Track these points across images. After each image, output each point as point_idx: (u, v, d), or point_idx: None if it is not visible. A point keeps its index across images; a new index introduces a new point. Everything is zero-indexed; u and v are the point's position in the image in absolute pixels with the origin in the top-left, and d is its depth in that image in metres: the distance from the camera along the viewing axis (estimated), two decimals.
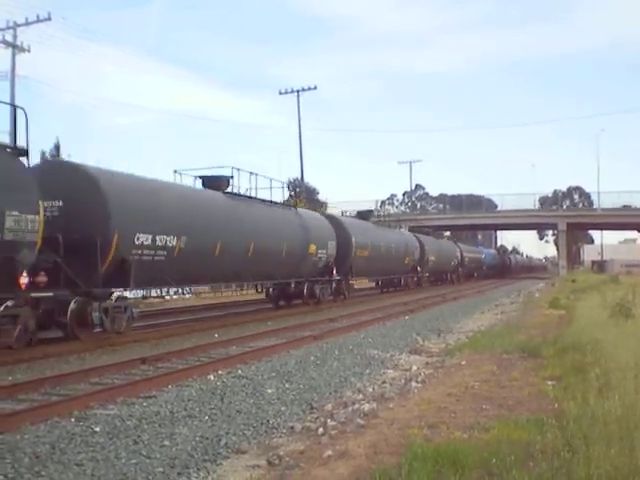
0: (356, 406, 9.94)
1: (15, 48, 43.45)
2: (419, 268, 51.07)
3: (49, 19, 43.06)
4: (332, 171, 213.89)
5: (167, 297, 40.96)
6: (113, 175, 19.51)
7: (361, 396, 11.04)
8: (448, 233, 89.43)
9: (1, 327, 14.83)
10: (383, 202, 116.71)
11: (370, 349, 16.91)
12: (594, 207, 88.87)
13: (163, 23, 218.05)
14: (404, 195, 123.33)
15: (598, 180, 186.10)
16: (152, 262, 19.48)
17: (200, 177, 25.65)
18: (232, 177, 25.98)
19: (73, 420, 9.46)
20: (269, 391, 11.63)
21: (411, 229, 60.54)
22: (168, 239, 19.93)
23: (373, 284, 50.77)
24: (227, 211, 24.17)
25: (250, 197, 27.08)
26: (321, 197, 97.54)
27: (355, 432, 8.25)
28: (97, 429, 8.94)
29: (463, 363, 13.49)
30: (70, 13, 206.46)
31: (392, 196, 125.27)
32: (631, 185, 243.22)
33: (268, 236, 26.40)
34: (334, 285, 34.19)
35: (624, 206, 79.15)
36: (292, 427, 9.10)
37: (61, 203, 17.33)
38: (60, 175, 18.06)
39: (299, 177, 73.88)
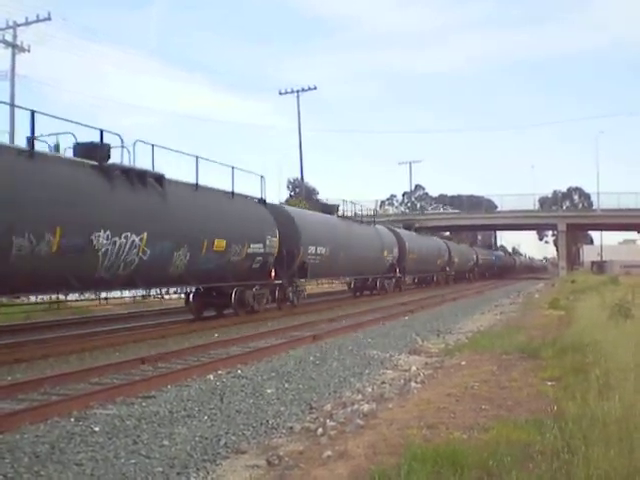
0: (355, 406, 9.94)
1: (15, 48, 43.47)
2: (448, 268, 62.48)
3: (49, 19, 43.08)
4: (332, 171, 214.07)
5: (166, 297, 41.04)
6: (300, 213, 33.42)
7: (360, 396, 11.04)
8: (447, 233, 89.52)
9: (258, 298, 26.45)
10: (383, 202, 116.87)
11: (369, 349, 16.90)
12: (594, 208, 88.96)
13: (164, 24, 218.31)
14: (404, 195, 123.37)
15: (598, 181, 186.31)
16: (315, 263, 31.37)
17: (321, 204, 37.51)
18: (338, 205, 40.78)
19: (73, 420, 9.46)
20: (269, 391, 11.63)
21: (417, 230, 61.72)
22: (321, 249, 32.17)
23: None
24: (344, 230, 37.07)
25: (351, 218, 40.96)
26: (321, 197, 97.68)
27: (354, 432, 8.25)
28: (96, 429, 8.94)
29: (463, 363, 13.50)
30: (70, 13, 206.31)
31: (392, 196, 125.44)
32: (631, 186, 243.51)
33: (363, 245, 39.15)
34: (394, 280, 45.86)
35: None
36: (291, 427, 9.10)
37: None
38: (276, 214, 28.62)
39: (299, 177, 73.93)
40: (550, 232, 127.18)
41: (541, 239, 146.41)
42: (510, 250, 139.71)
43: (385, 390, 11.30)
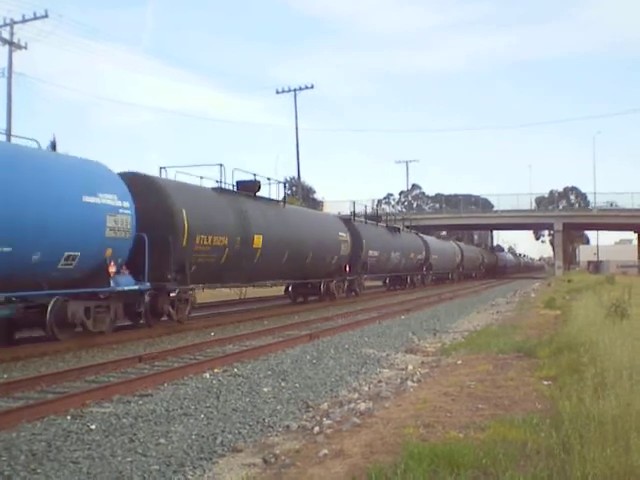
0: (352, 405, 9.95)
1: (12, 45, 43.43)
2: (461, 268, 71.71)
3: (46, 16, 43.10)
4: (329, 170, 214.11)
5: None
6: (363, 226, 40.27)
7: (357, 395, 11.06)
8: (444, 233, 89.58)
9: (337, 288, 34.68)
10: (380, 201, 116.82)
11: (366, 348, 16.92)
12: (590, 207, 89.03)
13: (161, 22, 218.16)
14: (400, 194, 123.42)
15: (594, 181, 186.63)
16: (372, 263, 39.66)
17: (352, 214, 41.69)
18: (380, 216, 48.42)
19: (69, 418, 9.47)
20: (265, 390, 11.64)
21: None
22: (374, 252, 40.35)
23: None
24: (389, 237, 45.10)
25: (395, 227, 48.28)
26: (317, 196, 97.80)
27: (351, 431, 8.26)
28: (93, 427, 8.95)
29: (459, 363, 13.52)
30: (67, 11, 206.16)
31: (388, 195, 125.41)
32: (627, 186, 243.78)
33: (402, 249, 47.22)
34: (420, 277, 55.17)
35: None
36: (288, 426, 9.11)
37: None
38: (349, 226, 37.60)
39: (296, 176, 73.93)
40: (546, 232, 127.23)
41: (537, 239, 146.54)
42: (506, 249, 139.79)
43: (381, 389, 11.31)
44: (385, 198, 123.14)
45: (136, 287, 18.65)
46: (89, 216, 16.80)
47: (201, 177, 24.18)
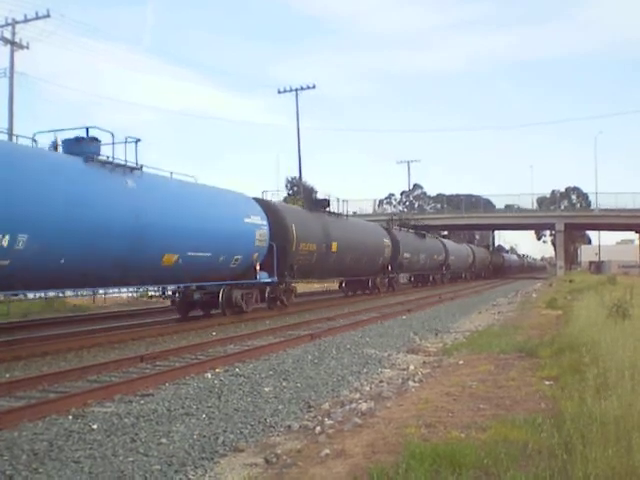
0: (353, 405, 9.96)
1: (14, 45, 43.43)
2: (473, 269, 78.50)
3: (48, 16, 43.04)
4: (331, 170, 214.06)
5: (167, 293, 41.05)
6: (400, 233, 48.78)
7: (358, 395, 11.06)
8: (446, 233, 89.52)
9: (380, 283, 43.25)
10: (381, 201, 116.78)
11: (367, 348, 16.92)
12: (592, 208, 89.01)
13: (161, 21, 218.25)
14: (402, 195, 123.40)
15: (596, 181, 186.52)
16: (405, 263, 46.90)
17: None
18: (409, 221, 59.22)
19: (71, 417, 9.48)
20: (266, 390, 11.64)
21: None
22: (407, 255, 48.08)
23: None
24: (419, 242, 53.67)
25: (423, 234, 56.09)
26: (319, 197, 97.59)
27: (352, 431, 8.26)
28: (95, 426, 8.96)
29: (460, 363, 13.52)
30: (69, 10, 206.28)
31: (390, 195, 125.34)
32: (629, 186, 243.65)
33: (428, 251, 55.27)
34: (440, 276, 62.49)
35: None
36: (289, 426, 9.11)
37: None
38: (390, 234, 45.61)
39: (297, 176, 73.91)
40: (548, 232, 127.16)
41: (539, 239, 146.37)
42: (508, 249, 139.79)
43: (383, 389, 11.31)
44: (387, 198, 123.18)
45: (270, 280, 26.59)
46: (247, 231, 24.76)
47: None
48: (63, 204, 16.10)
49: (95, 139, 18.38)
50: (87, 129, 17.94)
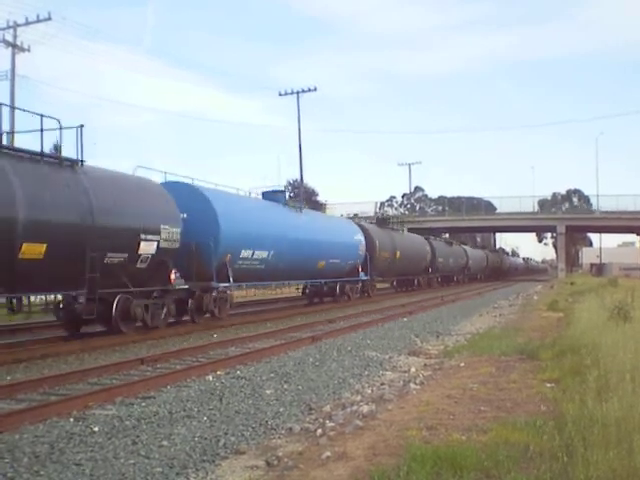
0: (354, 407, 9.95)
1: (15, 48, 43.49)
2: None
3: (49, 19, 43.10)
4: (332, 172, 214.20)
5: None
6: (435, 242, 60.95)
7: (359, 397, 11.05)
8: (447, 235, 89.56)
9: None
10: (382, 204, 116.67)
11: (368, 350, 16.92)
12: (593, 210, 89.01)
13: (162, 23, 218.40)
14: (403, 197, 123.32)
15: (597, 183, 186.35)
16: (440, 266, 57.16)
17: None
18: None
19: (72, 420, 9.48)
20: (268, 392, 11.64)
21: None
22: (441, 259, 59.62)
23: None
24: (448, 248, 64.87)
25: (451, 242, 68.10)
26: (320, 198, 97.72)
27: (354, 433, 8.26)
28: (96, 429, 8.96)
29: (462, 365, 13.52)
30: (70, 13, 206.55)
31: (391, 198, 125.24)
32: (630, 188, 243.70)
33: (452, 256, 65.54)
34: (462, 277, 73.04)
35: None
36: (291, 428, 9.10)
37: None
38: (432, 242, 60.08)
39: (298, 178, 73.92)
40: (549, 234, 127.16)
41: (540, 241, 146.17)
42: (510, 252, 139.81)
43: (384, 391, 11.30)
44: (388, 200, 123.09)
45: (366, 278, 39.56)
46: (355, 244, 38.04)
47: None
48: (281, 229, 28.92)
49: (282, 191, 34.15)
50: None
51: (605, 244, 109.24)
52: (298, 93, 65.56)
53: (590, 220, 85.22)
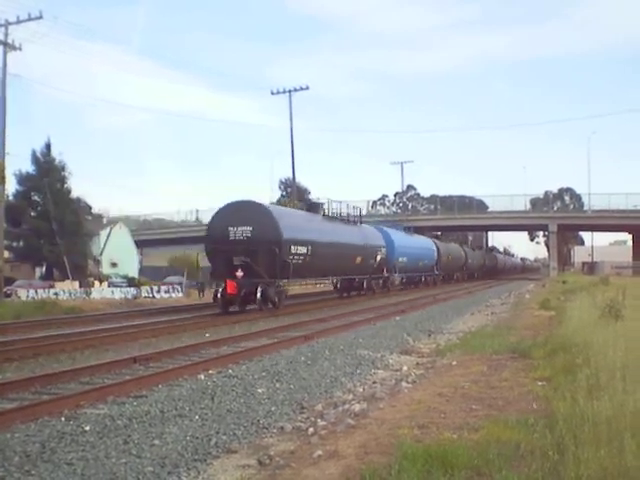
0: (346, 406, 9.97)
1: (7, 46, 43.32)
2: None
3: (41, 17, 42.88)
4: (324, 171, 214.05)
5: (157, 296, 41.19)
6: (441, 243, 67.89)
7: (351, 396, 11.07)
8: (439, 234, 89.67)
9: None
10: (375, 202, 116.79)
11: (361, 349, 16.92)
12: (585, 209, 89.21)
13: (155, 23, 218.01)
14: (395, 196, 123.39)
15: (589, 182, 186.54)
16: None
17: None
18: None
19: (63, 419, 9.47)
20: (260, 391, 11.64)
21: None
22: (445, 259, 64.01)
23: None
24: (460, 251, 75.48)
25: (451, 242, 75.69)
26: (312, 197, 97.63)
27: (345, 432, 8.27)
28: (87, 428, 8.94)
29: (453, 364, 13.53)
30: (62, 11, 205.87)
31: (384, 197, 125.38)
32: (622, 187, 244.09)
33: (457, 256, 71.38)
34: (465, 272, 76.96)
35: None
36: (282, 427, 9.11)
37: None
38: (438, 243, 66.86)
39: (291, 177, 73.87)
40: (541, 233, 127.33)
41: (532, 240, 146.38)
42: (502, 251, 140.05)
43: (376, 390, 11.32)
44: (380, 199, 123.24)
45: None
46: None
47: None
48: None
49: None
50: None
51: (597, 243, 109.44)
52: (290, 92, 65.49)
53: (582, 219, 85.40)
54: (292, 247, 29.77)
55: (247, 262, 27.94)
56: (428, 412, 8.97)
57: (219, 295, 27.52)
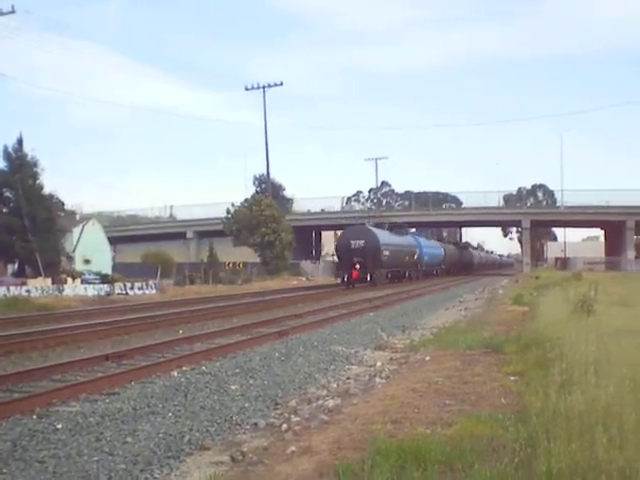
0: (320, 402, 9.97)
1: None
2: (443, 265, 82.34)
3: (13, 12, 42.62)
4: (299, 167, 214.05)
5: (130, 293, 41.02)
6: (445, 244, 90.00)
7: (325, 392, 11.07)
8: (413, 230, 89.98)
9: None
10: (349, 199, 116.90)
11: (335, 345, 16.94)
12: (557, 205, 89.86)
13: (129, 18, 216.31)
14: (370, 192, 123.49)
15: (562, 178, 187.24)
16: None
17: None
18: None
19: (35, 417, 9.40)
20: (233, 387, 11.62)
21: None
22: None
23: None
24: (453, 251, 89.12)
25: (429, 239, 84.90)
26: (287, 193, 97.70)
27: (319, 428, 8.27)
28: (59, 426, 8.88)
29: (427, 359, 13.57)
30: (34, 6, 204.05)
31: (358, 193, 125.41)
32: (594, 183, 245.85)
33: (434, 253, 77.02)
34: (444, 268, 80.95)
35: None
36: (256, 423, 9.10)
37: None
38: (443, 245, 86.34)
39: (265, 173, 73.85)
40: (514, 229, 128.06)
41: (505, 235, 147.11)
42: (476, 246, 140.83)
43: (350, 386, 11.33)
44: (354, 195, 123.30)
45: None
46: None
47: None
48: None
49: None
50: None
51: (570, 238, 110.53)
52: (264, 88, 65.56)
53: (555, 215, 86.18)
54: (384, 251, 51.95)
55: (361, 261, 49.30)
56: (401, 407, 8.98)
57: (345, 279, 49.19)
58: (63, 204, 60.89)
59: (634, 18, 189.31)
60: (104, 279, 45.80)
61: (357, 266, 48.81)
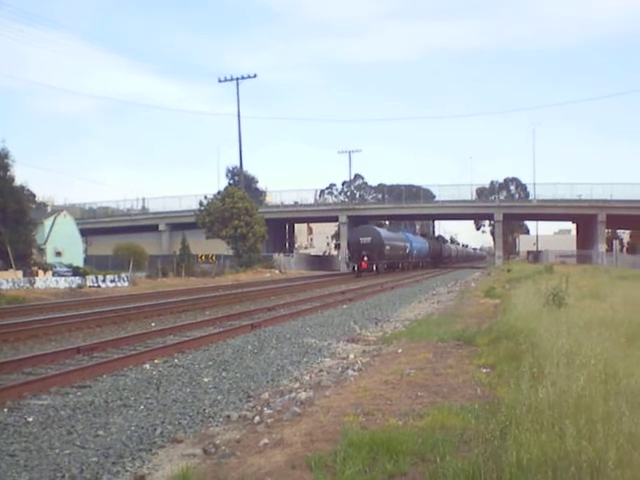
0: (293, 394, 9.97)
1: None
2: (428, 258, 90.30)
3: None
4: (272, 160, 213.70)
5: (103, 285, 40.79)
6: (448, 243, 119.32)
7: (298, 384, 11.08)
8: (387, 223, 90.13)
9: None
10: (322, 191, 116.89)
11: (308, 338, 16.96)
12: (530, 198, 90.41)
13: (100, 8, 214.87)
14: (343, 185, 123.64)
15: (534, 172, 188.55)
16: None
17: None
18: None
19: (6, 410, 9.35)
20: (206, 380, 11.60)
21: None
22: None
23: None
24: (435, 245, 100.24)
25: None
26: (260, 186, 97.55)
27: (291, 420, 8.27)
28: (30, 419, 8.84)
29: (399, 351, 13.62)
30: None
31: (331, 185, 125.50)
32: (566, 177, 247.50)
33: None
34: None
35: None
36: (228, 416, 9.08)
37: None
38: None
39: (238, 165, 73.66)
40: (487, 222, 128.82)
41: (478, 229, 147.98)
42: (448, 239, 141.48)
43: (322, 378, 11.34)
44: (328, 188, 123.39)
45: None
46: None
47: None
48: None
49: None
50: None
51: (542, 232, 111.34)
52: (237, 80, 65.34)
53: (527, 208, 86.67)
54: (386, 246, 63.47)
55: (368, 254, 60.75)
56: (374, 399, 9.01)
57: (355, 269, 60.86)
58: (34, 196, 60.46)
59: (604, 11, 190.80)
60: (76, 271, 45.53)
61: (365, 258, 60.82)
